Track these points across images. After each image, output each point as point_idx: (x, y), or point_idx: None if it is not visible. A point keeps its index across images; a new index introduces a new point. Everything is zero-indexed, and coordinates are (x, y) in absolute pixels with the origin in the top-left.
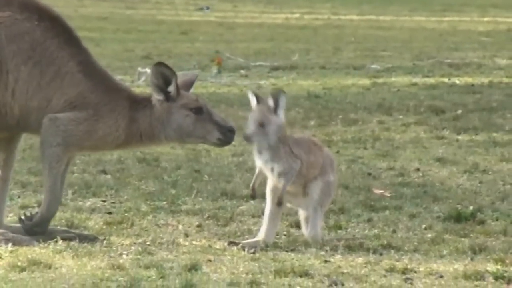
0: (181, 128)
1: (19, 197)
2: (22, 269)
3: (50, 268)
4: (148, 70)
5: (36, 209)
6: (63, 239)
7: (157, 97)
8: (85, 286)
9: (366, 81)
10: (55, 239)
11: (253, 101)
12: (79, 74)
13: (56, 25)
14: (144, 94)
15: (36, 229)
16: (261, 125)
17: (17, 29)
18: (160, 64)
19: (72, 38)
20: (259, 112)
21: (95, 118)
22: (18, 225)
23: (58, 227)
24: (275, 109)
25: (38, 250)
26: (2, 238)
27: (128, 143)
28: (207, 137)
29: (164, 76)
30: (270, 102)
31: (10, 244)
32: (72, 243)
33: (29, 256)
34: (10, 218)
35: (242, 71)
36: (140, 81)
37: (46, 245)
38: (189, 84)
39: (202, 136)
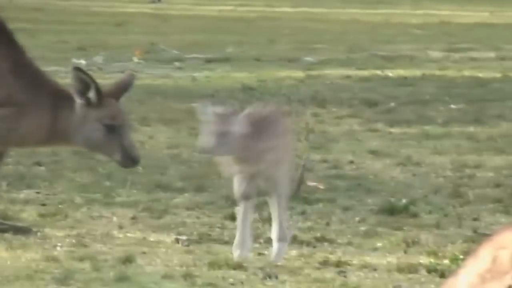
0: (89, 138)
1: None
2: None
3: None
4: (83, 62)
5: None
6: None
7: (77, 100)
8: (19, 278)
9: (300, 74)
10: None
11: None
12: (10, 75)
13: None
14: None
15: None
16: (223, 134)
17: None
18: (78, 69)
19: (5, 34)
20: (219, 120)
21: (18, 116)
22: None
23: None
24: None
25: None
26: None
27: (51, 141)
28: (111, 155)
29: (83, 81)
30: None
31: None
32: (5, 235)
33: None
34: None
35: (177, 63)
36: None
37: None
38: (123, 87)
39: (106, 152)
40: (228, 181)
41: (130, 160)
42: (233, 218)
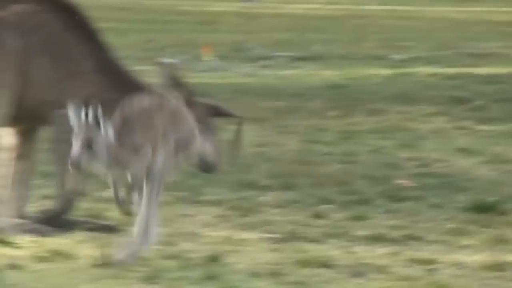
0: None
1: (40, 187)
2: (44, 260)
3: (69, 258)
4: (170, 61)
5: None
6: (86, 229)
7: None
8: (107, 276)
9: (387, 71)
10: (76, 230)
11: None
12: (94, 74)
13: (74, 18)
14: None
15: (55, 220)
16: (88, 145)
17: (34, 21)
18: (170, 68)
19: (90, 33)
20: (84, 129)
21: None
22: (39, 215)
23: (79, 218)
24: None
25: (59, 241)
26: (24, 228)
27: None
28: None
29: (177, 82)
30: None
31: (32, 235)
32: (92, 233)
33: (51, 247)
34: (32, 209)
35: (264, 62)
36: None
37: (66, 235)
38: (221, 111)
39: None
40: (316, 180)
41: (206, 167)
42: (319, 216)
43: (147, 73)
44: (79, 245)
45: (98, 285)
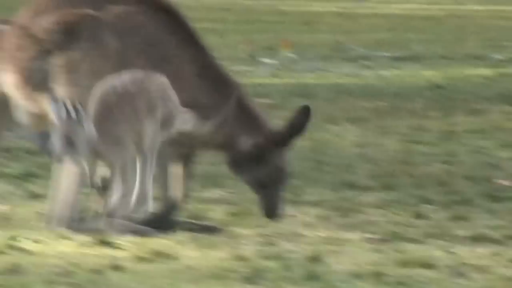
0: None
1: None
2: (147, 260)
3: (174, 259)
4: (269, 61)
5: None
6: (187, 230)
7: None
8: (209, 277)
9: (488, 71)
10: (179, 230)
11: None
12: (194, 78)
13: (173, 20)
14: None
15: (158, 221)
16: (69, 141)
17: (132, 23)
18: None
19: (191, 36)
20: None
21: (200, 120)
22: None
23: (181, 218)
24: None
25: (162, 241)
26: (126, 229)
27: (225, 149)
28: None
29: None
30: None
31: (133, 235)
32: (195, 234)
33: (153, 247)
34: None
35: (364, 62)
36: (262, 72)
37: (170, 236)
38: (296, 131)
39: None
40: (416, 180)
41: (266, 213)
42: (420, 216)
43: (247, 73)
44: (181, 246)
45: (199, 285)
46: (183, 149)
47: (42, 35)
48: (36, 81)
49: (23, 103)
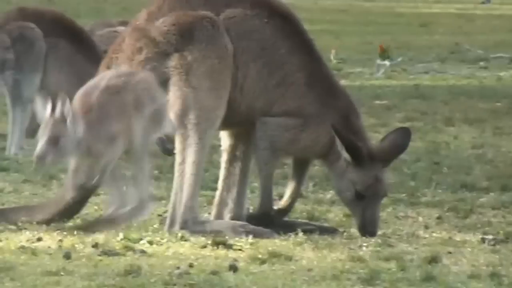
0: (338, 189)
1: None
2: (263, 261)
3: (290, 260)
4: (387, 63)
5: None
6: (304, 231)
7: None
8: (325, 278)
9: None
10: (295, 232)
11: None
12: (304, 87)
13: (288, 25)
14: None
15: (274, 222)
16: (54, 141)
17: (247, 26)
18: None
19: (304, 42)
20: (51, 125)
21: (301, 129)
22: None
23: (299, 220)
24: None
25: (278, 242)
26: (243, 230)
27: (327, 158)
28: (353, 215)
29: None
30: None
31: (250, 236)
32: (312, 235)
33: (270, 248)
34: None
35: (482, 63)
36: (378, 74)
37: (286, 237)
38: (396, 150)
39: (348, 207)
40: None
41: (364, 232)
42: None
43: (363, 75)
44: (298, 247)
45: (316, 286)
46: (288, 155)
47: (158, 37)
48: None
49: None
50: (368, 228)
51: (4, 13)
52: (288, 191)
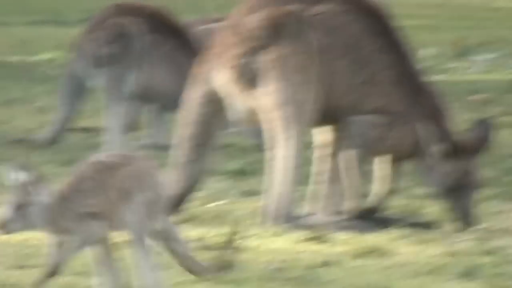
0: (430, 182)
1: None
2: (358, 257)
3: (385, 255)
4: (482, 58)
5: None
6: (401, 226)
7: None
8: (421, 273)
9: None
10: (390, 227)
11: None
12: (391, 85)
13: (377, 23)
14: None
15: (370, 217)
16: (20, 207)
17: (335, 23)
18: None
19: (393, 40)
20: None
21: (388, 127)
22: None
23: (394, 214)
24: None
25: (373, 238)
26: (340, 225)
27: (415, 155)
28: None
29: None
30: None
31: (345, 232)
32: (407, 230)
33: (364, 244)
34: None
35: None
36: (474, 69)
37: (381, 232)
38: (481, 143)
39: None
40: None
41: (460, 224)
42: None
43: (460, 70)
44: (395, 242)
45: (413, 281)
46: (376, 153)
47: (249, 32)
48: (247, 78)
49: (236, 100)
50: (463, 220)
51: (103, 9)
52: (377, 188)
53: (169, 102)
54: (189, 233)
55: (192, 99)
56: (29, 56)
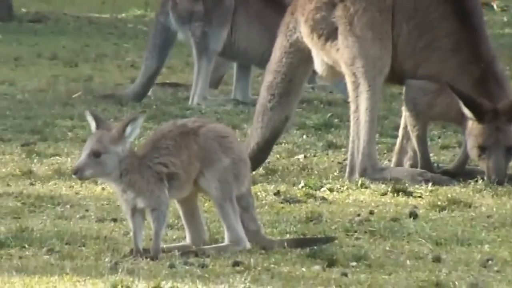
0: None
1: (439, 137)
2: (442, 208)
3: (469, 207)
4: None
5: (457, 150)
6: (483, 178)
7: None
8: (505, 224)
9: None
10: (475, 179)
11: (92, 124)
12: (449, 52)
13: None
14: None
15: (455, 171)
16: (96, 155)
17: None
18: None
19: (459, 10)
20: (95, 138)
21: (438, 93)
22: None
23: (477, 168)
24: (122, 136)
25: (457, 190)
26: (422, 178)
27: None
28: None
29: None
30: (117, 128)
31: (430, 184)
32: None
33: (449, 195)
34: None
35: None
36: None
37: (465, 184)
38: None
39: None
40: None
41: (491, 181)
42: None
43: None
44: (477, 194)
45: (495, 233)
46: (429, 118)
47: None
48: (324, 32)
49: (316, 53)
50: (493, 177)
51: None
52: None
53: (257, 59)
54: (275, 185)
55: (279, 49)
56: (119, 13)
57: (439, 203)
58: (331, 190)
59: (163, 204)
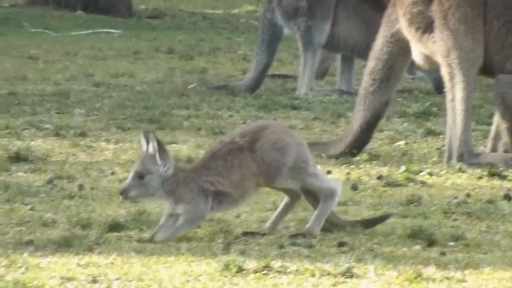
0: None
1: None
2: None
3: None
4: None
5: None
6: None
7: None
8: None
9: None
10: None
11: (143, 145)
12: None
13: None
14: None
15: None
16: (139, 176)
17: None
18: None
19: None
20: (139, 160)
21: None
22: None
23: None
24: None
25: None
26: (506, 163)
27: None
28: None
29: None
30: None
31: None
32: None
33: None
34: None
35: None
36: None
37: None
38: None
39: None
40: None
41: None
42: None
43: None
44: None
45: None
46: None
47: None
48: (421, 25)
49: (413, 45)
50: None
51: None
52: None
53: (356, 49)
54: (378, 169)
55: (381, 37)
56: (231, 9)
57: None
58: (430, 174)
59: (199, 213)
